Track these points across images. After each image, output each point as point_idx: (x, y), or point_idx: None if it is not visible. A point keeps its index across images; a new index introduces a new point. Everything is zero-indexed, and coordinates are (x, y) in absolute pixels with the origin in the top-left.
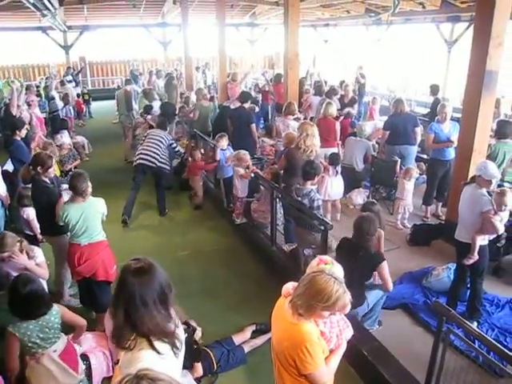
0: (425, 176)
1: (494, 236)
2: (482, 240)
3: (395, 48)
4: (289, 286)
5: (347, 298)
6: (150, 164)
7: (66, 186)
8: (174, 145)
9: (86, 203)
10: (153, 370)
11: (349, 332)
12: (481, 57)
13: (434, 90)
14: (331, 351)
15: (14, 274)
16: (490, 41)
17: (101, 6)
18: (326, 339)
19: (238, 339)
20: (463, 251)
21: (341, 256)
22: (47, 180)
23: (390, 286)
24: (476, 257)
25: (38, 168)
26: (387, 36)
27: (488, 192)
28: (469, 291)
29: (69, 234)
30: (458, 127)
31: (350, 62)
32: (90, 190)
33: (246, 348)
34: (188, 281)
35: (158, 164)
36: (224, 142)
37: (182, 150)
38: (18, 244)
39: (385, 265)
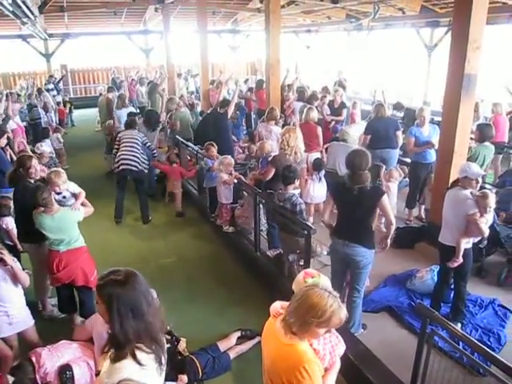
0: (407, 179)
1: (479, 239)
2: (467, 243)
3: (377, 53)
4: (277, 306)
5: (343, 312)
6: (133, 168)
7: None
8: (149, 143)
9: (58, 214)
10: (133, 381)
11: (341, 347)
12: (459, 60)
13: (398, 106)
14: (325, 369)
15: None
16: (467, 45)
17: (82, 13)
18: (319, 358)
19: (223, 346)
20: (447, 254)
21: (337, 199)
22: (31, 181)
23: (392, 218)
24: (461, 260)
25: (21, 169)
26: (368, 41)
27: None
28: (453, 293)
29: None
30: (438, 130)
31: (332, 67)
32: (52, 201)
33: (232, 354)
34: (172, 288)
35: (140, 167)
36: (213, 152)
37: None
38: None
39: (386, 198)
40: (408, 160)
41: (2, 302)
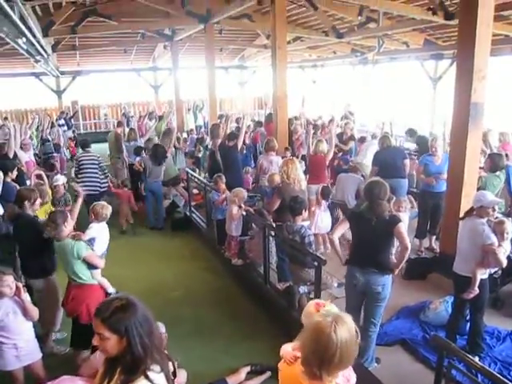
0: (417, 210)
1: (496, 269)
2: (483, 274)
3: (382, 86)
4: (288, 349)
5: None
6: (95, 192)
7: None
8: (103, 164)
9: (60, 243)
10: None
11: (353, 376)
12: (465, 90)
13: (411, 133)
14: None
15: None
16: (473, 74)
17: (93, 51)
18: None
19: (232, 380)
20: (462, 285)
21: (354, 227)
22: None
23: (408, 244)
24: (476, 291)
25: (26, 202)
26: (374, 74)
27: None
28: (468, 325)
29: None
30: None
31: (338, 101)
32: (59, 227)
33: None
34: (179, 322)
35: (101, 190)
36: (221, 185)
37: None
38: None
39: (402, 225)
40: (415, 190)
41: (11, 334)
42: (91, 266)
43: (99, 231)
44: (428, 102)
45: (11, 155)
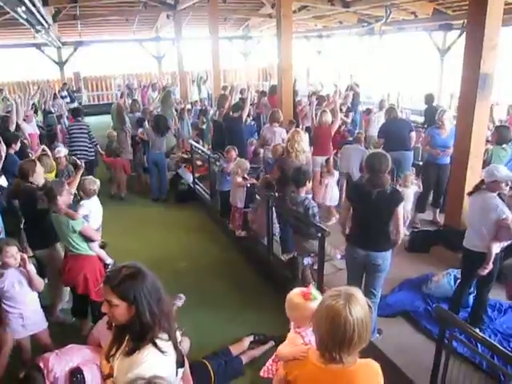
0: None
1: (509, 243)
2: (497, 248)
3: (389, 57)
4: (284, 351)
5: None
6: (85, 159)
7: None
8: (91, 132)
9: (55, 215)
10: (164, 380)
11: None
12: (475, 60)
13: (429, 99)
14: None
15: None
16: (483, 44)
17: (94, 21)
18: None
19: (235, 350)
20: (474, 261)
21: (354, 203)
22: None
23: (402, 229)
24: (491, 266)
25: (28, 173)
26: (380, 45)
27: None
28: (473, 298)
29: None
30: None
31: (344, 72)
32: (54, 199)
33: (244, 359)
34: (185, 292)
35: (89, 158)
36: (233, 155)
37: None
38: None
39: (402, 206)
40: (420, 163)
41: (17, 304)
42: (88, 239)
43: (90, 207)
44: (435, 75)
45: (12, 128)
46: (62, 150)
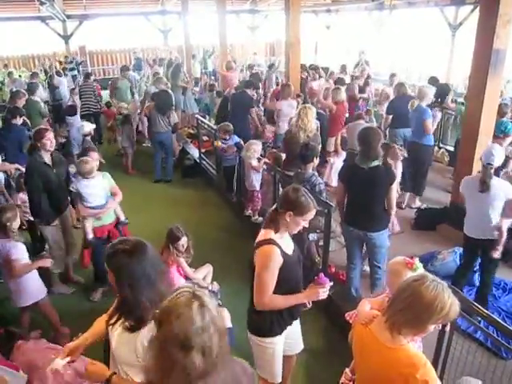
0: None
1: None
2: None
3: (399, 33)
4: (365, 308)
5: (457, 303)
6: (92, 110)
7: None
8: (96, 91)
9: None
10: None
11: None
12: (488, 35)
13: (433, 82)
14: None
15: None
16: (497, 18)
17: None
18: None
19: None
20: (485, 246)
21: (348, 181)
22: (43, 156)
23: (394, 205)
24: (501, 248)
25: (39, 141)
26: (390, 21)
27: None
28: (478, 278)
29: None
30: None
31: (353, 48)
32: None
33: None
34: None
35: (95, 110)
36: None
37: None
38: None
39: (396, 184)
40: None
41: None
42: None
43: (89, 187)
44: (446, 51)
45: (20, 104)
46: (86, 125)
